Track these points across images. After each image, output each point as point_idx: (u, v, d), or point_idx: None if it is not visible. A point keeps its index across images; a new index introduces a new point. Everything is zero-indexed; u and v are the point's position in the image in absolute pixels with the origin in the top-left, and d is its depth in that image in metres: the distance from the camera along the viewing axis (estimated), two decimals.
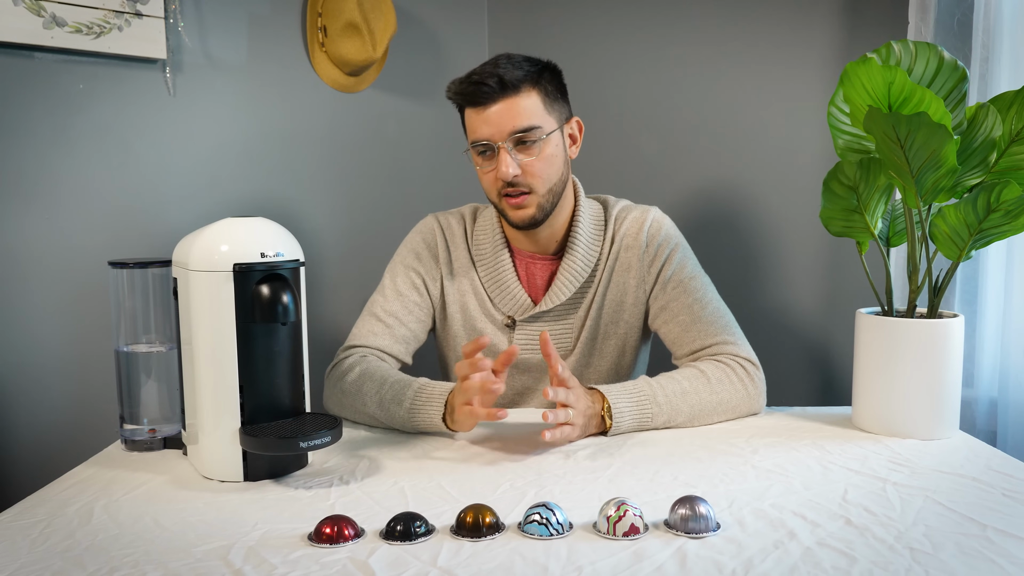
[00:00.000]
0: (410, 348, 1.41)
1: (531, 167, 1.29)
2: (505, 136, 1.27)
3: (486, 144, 1.29)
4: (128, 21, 1.48)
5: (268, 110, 1.73)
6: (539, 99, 1.29)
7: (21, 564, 0.80)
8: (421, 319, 1.42)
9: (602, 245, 1.41)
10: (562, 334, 1.41)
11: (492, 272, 1.41)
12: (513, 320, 1.41)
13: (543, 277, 1.42)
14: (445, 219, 1.46)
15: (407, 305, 1.40)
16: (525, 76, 1.28)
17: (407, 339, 1.40)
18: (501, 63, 1.28)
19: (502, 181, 1.30)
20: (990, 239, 1.17)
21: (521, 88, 1.27)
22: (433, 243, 1.44)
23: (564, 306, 1.40)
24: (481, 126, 1.29)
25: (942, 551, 0.80)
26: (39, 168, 1.44)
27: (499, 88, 1.26)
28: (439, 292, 1.43)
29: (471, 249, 1.44)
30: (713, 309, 1.36)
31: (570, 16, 1.98)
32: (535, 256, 1.41)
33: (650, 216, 1.41)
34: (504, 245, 1.41)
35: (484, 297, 1.42)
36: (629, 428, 1.22)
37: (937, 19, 1.60)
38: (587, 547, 0.82)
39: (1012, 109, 1.14)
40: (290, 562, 0.79)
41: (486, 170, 1.32)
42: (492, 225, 1.42)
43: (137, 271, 1.17)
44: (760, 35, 1.85)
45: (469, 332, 1.43)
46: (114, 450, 1.18)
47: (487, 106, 1.27)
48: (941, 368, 1.18)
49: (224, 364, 1.01)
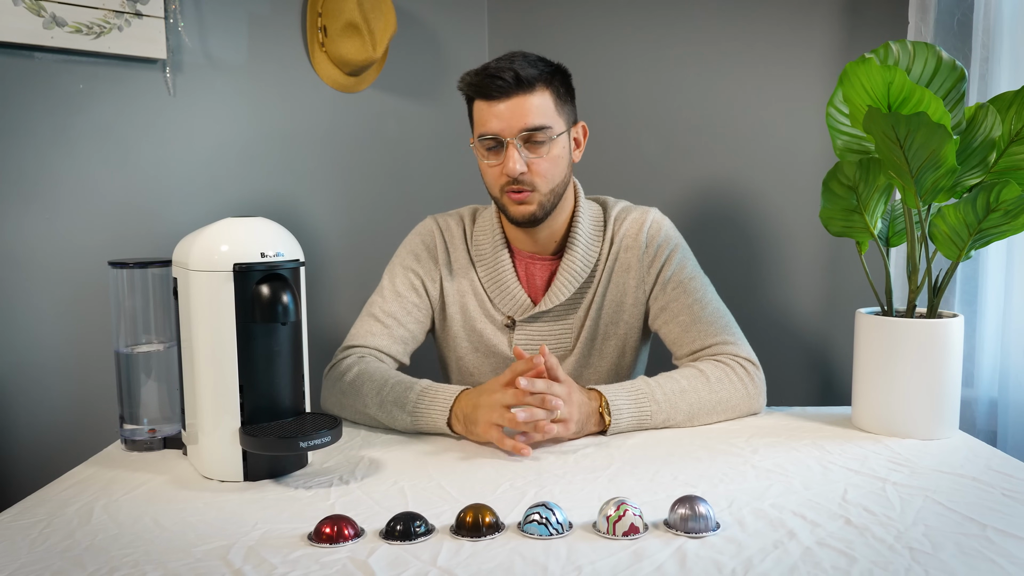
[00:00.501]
0: (408, 349, 1.41)
1: (537, 166, 1.30)
2: (515, 132, 1.28)
3: (495, 138, 1.29)
4: (128, 21, 1.48)
5: (268, 110, 1.73)
6: (551, 99, 1.30)
7: (21, 564, 0.80)
8: (419, 320, 1.42)
9: (601, 245, 1.41)
10: (562, 334, 1.41)
11: (492, 272, 1.41)
12: (513, 320, 1.41)
13: (542, 277, 1.42)
14: (444, 221, 1.46)
15: (405, 306, 1.41)
16: (540, 75, 1.28)
17: (405, 340, 1.40)
18: (517, 59, 1.28)
19: (507, 177, 1.30)
20: (990, 239, 1.17)
21: (535, 86, 1.28)
22: (432, 244, 1.44)
23: (564, 306, 1.40)
24: (492, 120, 1.29)
25: (942, 551, 0.80)
26: (39, 168, 1.44)
27: (514, 84, 1.26)
28: (438, 293, 1.43)
29: (470, 250, 1.44)
30: (713, 309, 1.36)
31: (570, 16, 1.98)
32: (534, 256, 1.42)
33: (650, 217, 1.41)
34: (504, 245, 1.41)
35: (484, 297, 1.42)
36: (628, 426, 1.22)
37: (937, 19, 1.60)
38: (587, 547, 0.82)
39: (1012, 109, 1.14)
40: (290, 562, 0.79)
41: (492, 164, 1.32)
42: (492, 225, 1.43)
43: (137, 271, 1.17)
44: (760, 35, 1.85)
45: (469, 333, 1.43)
46: (114, 450, 1.18)
47: (500, 100, 1.28)
48: (941, 368, 1.18)
49: (224, 364, 1.01)
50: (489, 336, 1.42)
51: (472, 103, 1.33)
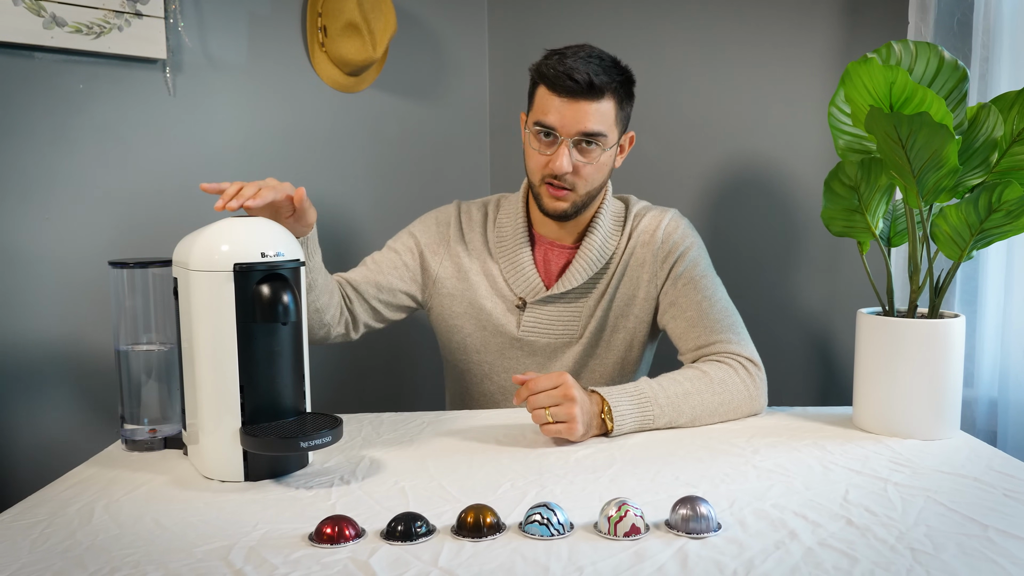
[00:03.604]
0: (381, 296, 1.43)
1: (583, 169, 1.33)
2: (572, 133, 1.30)
3: (550, 130, 1.31)
4: (128, 21, 1.47)
5: (268, 110, 1.73)
6: (614, 108, 1.32)
7: (22, 564, 0.80)
8: (403, 278, 1.45)
9: (619, 239, 1.44)
10: (571, 320, 1.43)
11: (510, 253, 1.43)
12: (524, 301, 1.42)
13: (559, 264, 1.44)
14: (467, 206, 1.51)
15: (394, 261, 1.45)
16: (611, 83, 1.30)
17: (380, 286, 1.43)
18: (593, 61, 1.29)
19: (551, 171, 1.32)
20: (991, 239, 1.17)
21: (604, 94, 1.29)
22: (445, 222, 1.48)
23: (576, 292, 1.42)
24: (553, 113, 1.30)
25: (943, 551, 0.80)
26: (39, 168, 1.44)
27: (586, 88, 1.27)
28: (437, 266, 1.46)
29: (488, 232, 1.47)
30: (721, 308, 1.37)
31: (570, 16, 1.98)
32: (554, 244, 1.44)
33: (668, 216, 1.45)
34: (526, 228, 1.44)
35: (497, 277, 1.44)
36: (630, 430, 1.22)
37: (937, 19, 1.60)
38: (588, 547, 0.82)
39: (1013, 109, 1.14)
40: (291, 562, 0.79)
41: (540, 152, 1.34)
42: (517, 210, 1.46)
43: (137, 271, 1.17)
44: (761, 35, 1.85)
45: (474, 310, 1.45)
46: (114, 450, 1.18)
47: (567, 99, 1.29)
48: (942, 368, 1.18)
49: (224, 364, 1.01)
50: (498, 316, 1.44)
51: (536, 86, 1.34)
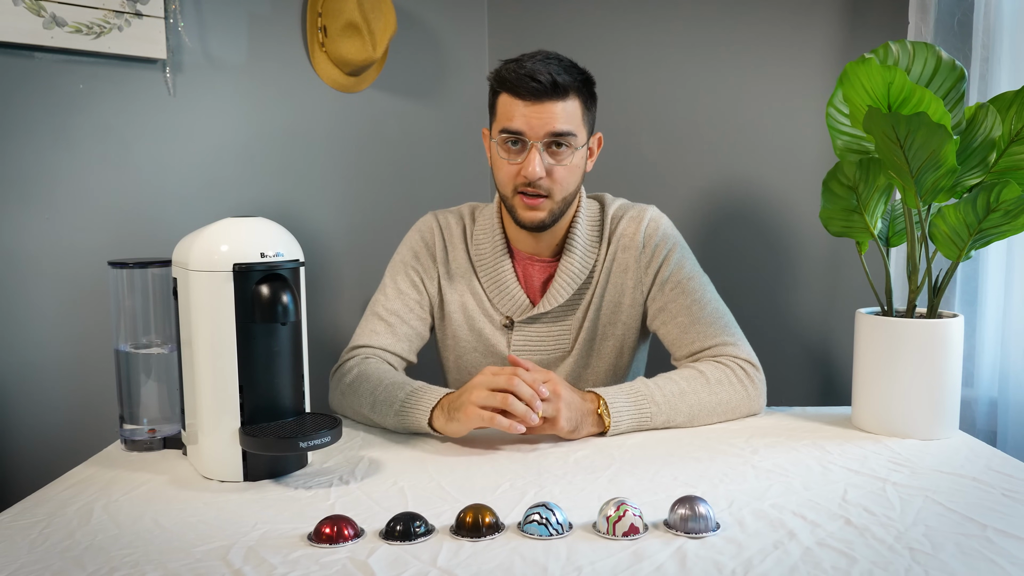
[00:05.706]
0: (414, 346, 1.41)
1: (556, 173, 1.30)
2: (541, 136, 1.27)
3: (518, 136, 1.29)
4: (128, 21, 1.47)
5: (268, 110, 1.73)
6: (580, 108, 1.30)
7: (21, 564, 0.80)
8: (422, 317, 1.42)
9: (599, 247, 1.41)
10: (560, 336, 1.41)
11: (492, 273, 1.41)
12: (511, 321, 1.41)
13: (540, 279, 1.42)
14: (444, 218, 1.46)
15: (408, 303, 1.41)
16: (573, 82, 1.28)
17: (410, 337, 1.40)
18: (552, 62, 1.28)
19: (524, 178, 1.29)
20: (990, 239, 1.17)
21: (568, 93, 1.27)
22: (431, 242, 1.44)
23: (562, 308, 1.40)
24: (519, 118, 1.27)
25: (942, 551, 0.80)
26: (39, 168, 1.44)
27: (550, 88, 1.25)
28: (436, 291, 1.43)
29: (470, 250, 1.43)
30: (712, 310, 1.35)
31: (570, 16, 1.98)
32: (533, 258, 1.42)
33: (647, 216, 1.41)
34: (504, 245, 1.41)
35: (483, 297, 1.42)
36: (628, 428, 1.22)
37: (937, 19, 1.60)
38: (587, 547, 0.82)
39: (1012, 109, 1.14)
40: (290, 562, 0.79)
41: (510, 162, 1.31)
42: (492, 225, 1.42)
43: (137, 271, 1.17)
44: (760, 35, 1.85)
45: (470, 331, 1.43)
46: (114, 450, 1.18)
47: (531, 102, 1.27)
48: (941, 368, 1.18)
49: (224, 364, 1.01)
50: (488, 336, 1.42)
51: (498, 96, 1.32)
